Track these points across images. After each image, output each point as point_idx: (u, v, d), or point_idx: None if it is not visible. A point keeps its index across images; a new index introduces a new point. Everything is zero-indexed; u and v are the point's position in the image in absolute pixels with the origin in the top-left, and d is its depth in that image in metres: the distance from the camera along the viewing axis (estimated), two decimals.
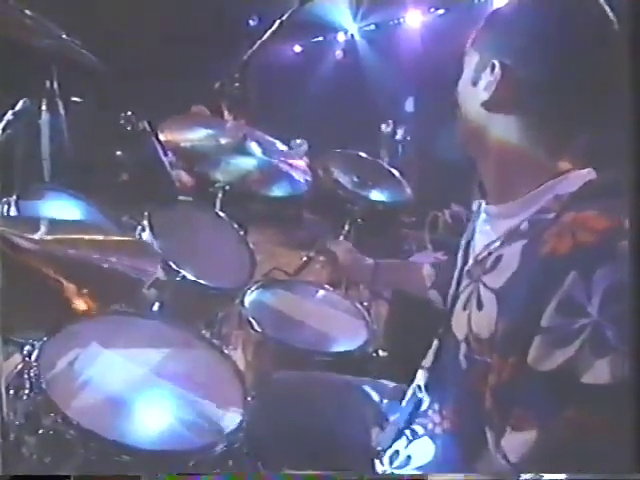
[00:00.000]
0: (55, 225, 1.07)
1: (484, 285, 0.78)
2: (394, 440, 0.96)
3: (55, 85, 1.78)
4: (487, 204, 0.87)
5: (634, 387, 0.61)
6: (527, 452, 0.67)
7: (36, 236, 0.96)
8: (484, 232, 0.87)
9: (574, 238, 0.65)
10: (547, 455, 0.66)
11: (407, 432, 0.94)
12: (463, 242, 0.94)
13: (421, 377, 0.97)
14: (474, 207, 0.94)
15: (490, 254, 0.80)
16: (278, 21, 1.85)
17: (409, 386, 1.01)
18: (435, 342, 0.96)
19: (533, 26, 0.77)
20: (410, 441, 0.93)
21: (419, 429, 0.92)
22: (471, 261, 0.87)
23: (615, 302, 0.62)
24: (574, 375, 0.63)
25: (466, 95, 0.84)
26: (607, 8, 0.74)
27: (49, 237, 0.97)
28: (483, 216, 0.88)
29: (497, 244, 0.80)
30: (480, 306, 0.78)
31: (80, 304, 0.89)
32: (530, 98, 0.77)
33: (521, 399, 0.68)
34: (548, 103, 0.76)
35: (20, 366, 0.99)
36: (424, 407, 0.93)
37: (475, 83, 0.81)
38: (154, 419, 0.98)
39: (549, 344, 0.65)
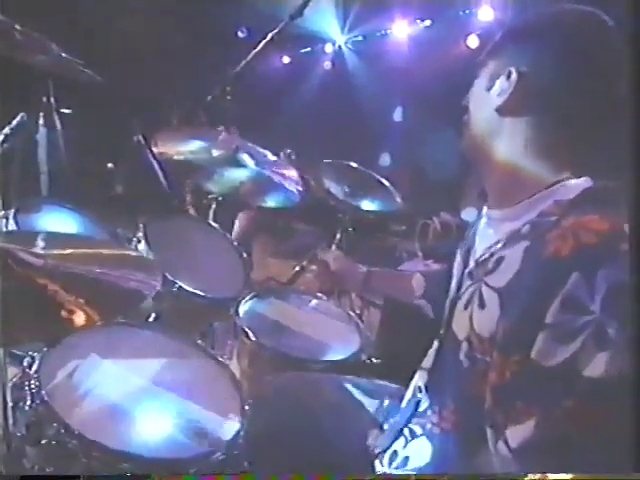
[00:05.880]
0: (54, 238, 1.08)
1: (486, 285, 0.81)
2: (393, 441, 0.97)
3: (52, 100, 1.79)
4: (489, 208, 0.90)
5: (635, 381, 0.65)
6: (528, 439, 0.69)
7: (35, 249, 0.97)
8: (485, 235, 0.90)
9: (576, 240, 0.69)
10: (547, 442, 0.69)
11: (406, 432, 0.96)
12: (463, 248, 0.97)
13: (421, 378, 0.99)
14: (467, 214, 0.97)
15: (492, 255, 0.83)
16: (270, 34, 1.88)
17: (407, 388, 1.03)
18: (435, 343, 0.98)
19: (547, 38, 0.82)
20: (408, 441, 0.95)
21: (417, 429, 0.94)
22: (472, 263, 0.89)
23: (617, 300, 0.66)
24: (576, 369, 0.66)
25: (478, 101, 0.88)
26: (608, 20, 0.79)
27: (48, 250, 0.99)
28: (484, 220, 0.92)
29: (499, 246, 0.83)
30: (482, 305, 0.81)
31: (79, 316, 0.89)
32: (542, 105, 0.81)
33: (524, 393, 0.71)
34: (558, 111, 0.80)
35: (17, 378, 1.00)
36: (423, 407, 0.95)
37: (489, 89, 0.85)
38: (154, 428, 0.99)
39: (553, 340, 0.68)
